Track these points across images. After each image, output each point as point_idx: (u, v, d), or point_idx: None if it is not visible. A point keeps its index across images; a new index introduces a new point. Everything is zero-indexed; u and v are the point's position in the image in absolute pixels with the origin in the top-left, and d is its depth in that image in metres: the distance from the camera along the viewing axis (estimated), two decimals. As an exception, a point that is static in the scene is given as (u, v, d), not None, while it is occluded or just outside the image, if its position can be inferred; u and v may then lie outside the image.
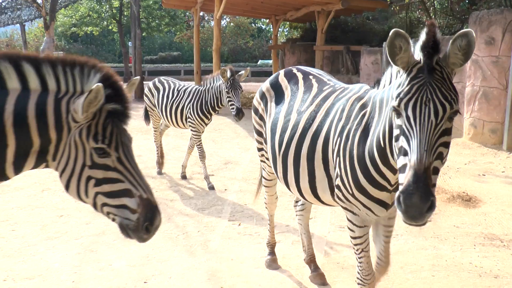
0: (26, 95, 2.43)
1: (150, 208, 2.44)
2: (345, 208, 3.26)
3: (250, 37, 44.76)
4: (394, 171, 2.79)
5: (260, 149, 4.35)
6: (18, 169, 2.52)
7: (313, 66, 9.24)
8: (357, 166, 2.99)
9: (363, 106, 3.08)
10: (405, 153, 2.35)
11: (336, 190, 3.23)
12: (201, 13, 22.90)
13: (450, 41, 2.38)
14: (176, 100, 7.74)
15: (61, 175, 2.49)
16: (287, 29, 30.68)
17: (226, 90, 7.09)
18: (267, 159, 4.26)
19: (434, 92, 2.35)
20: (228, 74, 7.06)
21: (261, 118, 4.18)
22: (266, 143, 4.12)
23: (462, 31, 2.35)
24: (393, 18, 19.77)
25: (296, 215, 4.60)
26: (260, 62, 39.42)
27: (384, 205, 3.04)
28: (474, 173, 8.26)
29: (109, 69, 2.51)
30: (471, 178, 7.84)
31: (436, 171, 2.33)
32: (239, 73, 7.21)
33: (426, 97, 2.35)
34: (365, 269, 3.30)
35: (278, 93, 4.02)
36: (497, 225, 5.85)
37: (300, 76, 4.00)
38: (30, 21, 31.34)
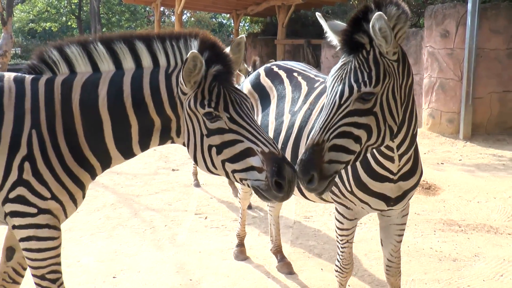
0: (140, 74, 2.48)
1: (275, 161, 2.26)
2: (338, 203, 3.20)
3: (211, 32, 44.51)
4: (390, 159, 2.78)
5: None
6: (144, 146, 2.59)
7: (275, 60, 9.30)
8: (358, 162, 2.87)
9: None
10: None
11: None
12: (162, 8, 22.67)
13: (370, 23, 2.33)
14: None
15: (188, 151, 2.50)
16: (248, 23, 30.72)
17: None
18: None
19: (349, 72, 2.39)
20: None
21: None
22: None
23: (376, 13, 2.29)
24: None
25: (268, 205, 4.66)
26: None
27: (385, 198, 2.98)
28: (433, 162, 8.52)
29: (206, 34, 2.46)
30: (430, 167, 8.08)
31: (336, 148, 2.35)
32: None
33: (340, 77, 2.41)
34: (346, 258, 3.32)
35: (263, 95, 3.93)
36: (455, 211, 6.08)
37: (283, 74, 3.92)
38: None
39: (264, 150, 2.28)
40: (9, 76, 2.56)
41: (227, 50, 2.49)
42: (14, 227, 2.54)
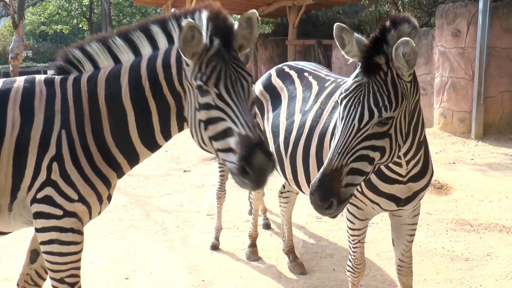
0: (155, 55, 2.50)
1: (247, 145, 2.12)
2: (349, 203, 3.12)
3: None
4: (398, 164, 2.79)
5: None
6: (166, 136, 2.60)
7: (286, 61, 9.31)
8: None
9: None
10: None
11: None
12: (173, 10, 22.78)
13: (394, 46, 2.36)
14: None
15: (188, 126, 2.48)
16: (258, 24, 30.70)
17: None
18: None
19: (367, 95, 2.36)
20: None
21: None
22: None
23: (403, 39, 2.31)
24: (363, 12, 19.97)
25: (280, 206, 4.68)
26: (232, 57, 39.35)
27: (395, 199, 2.99)
28: (445, 162, 8.48)
29: (215, 5, 2.37)
30: (442, 167, 8.05)
31: (355, 171, 2.36)
32: None
33: (357, 99, 2.38)
34: (358, 258, 3.32)
35: (274, 95, 3.93)
36: (467, 210, 6.05)
37: (294, 74, 3.92)
38: (-4, 20, 30.77)
39: (241, 132, 2.17)
40: (40, 78, 2.60)
41: (235, 24, 2.40)
42: (37, 230, 2.55)
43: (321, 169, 2.35)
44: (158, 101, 2.49)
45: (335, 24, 2.47)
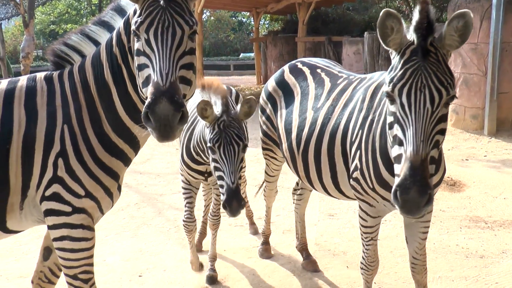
0: (123, 22, 2.56)
1: (154, 92, 2.08)
2: (361, 200, 3.16)
3: (231, 30, 44.59)
4: None
5: (264, 148, 4.31)
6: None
7: (295, 58, 9.24)
8: (379, 159, 2.88)
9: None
10: (400, 143, 2.28)
11: (353, 182, 3.12)
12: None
13: (446, 22, 2.33)
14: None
15: None
16: (268, 21, 30.68)
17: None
18: (272, 157, 4.28)
19: (429, 77, 2.27)
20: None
21: (268, 118, 4.08)
22: (276, 144, 4.08)
23: (459, 11, 2.28)
24: (373, 8, 19.91)
25: (294, 203, 4.67)
26: (242, 55, 39.35)
27: None
28: (458, 158, 8.41)
29: None
30: (455, 163, 7.99)
31: (433, 160, 2.27)
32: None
33: (421, 83, 2.26)
34: (371, 256, 3.30)
35: (287, 92, 3.90)
36: (481, 207, 6.00)
37: (307, 71, 3.89)
38: (6, 20, 30.95)
39: (154, 79, 2.11)
40: (40, 76, 2.63)
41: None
42: (49, 227, 2.57)
43: (407, 162, 2.19)
44: (126, 66, 2.49)
45: (383, 10, 2.37)
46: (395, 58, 2.42)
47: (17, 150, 2.45)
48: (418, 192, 2.13)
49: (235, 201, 3.13)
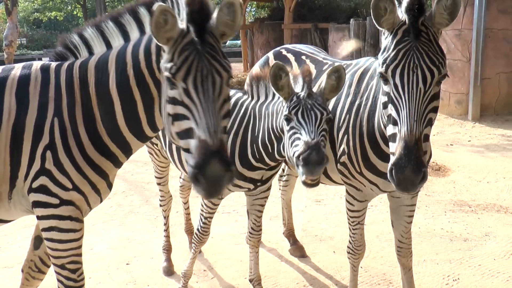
0: (140, 40, 2.39)
1: (203, 152, 1.98)
2: (348, 184, 3.18)
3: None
4: None
5: None
6: (153, 127, 2.49)
7: (282, 45, 9.18)
8: (367, 143, 2.91)
9: (371, 79, 2.99)
10: (395, 122, 2.34)
11: (340, 167, 3.13)
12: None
13: (436, 0, 2.36)
14: None
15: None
16: (254, 8, 30.51)
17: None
18: None
19: (421, 57, 2.32)
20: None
21: None
22: None
23: None
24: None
25: (280, 189, 4.69)
26: (228, 42, 39.15)
27: None
28: (443, 144, 8.50)
29: None
30: (439, 148, 8.07)
31: (427, 138, 2.33)
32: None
33: (413, 63, 2.32)
34: (358, 240, 3.34)
35: None
36: (465, 191, 6.08)
37: (292, 58, 3.89)
38: (-11, 8, 30.49)
39: (201, 136, 2.01)
40: (37, 65, 2.56)
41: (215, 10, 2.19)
42: (38, 217, 2.56)
43: (402, 142, 2.26)
44: (142, 90, 2.40)
45: None
46: (387, 38, 2.46)
47: (6, 138, 2.42)
48: (413, 170, 2.22)
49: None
